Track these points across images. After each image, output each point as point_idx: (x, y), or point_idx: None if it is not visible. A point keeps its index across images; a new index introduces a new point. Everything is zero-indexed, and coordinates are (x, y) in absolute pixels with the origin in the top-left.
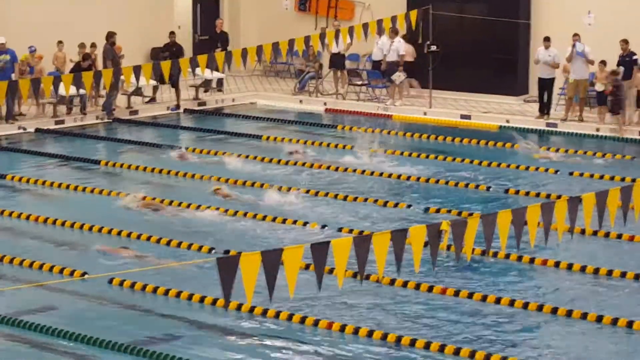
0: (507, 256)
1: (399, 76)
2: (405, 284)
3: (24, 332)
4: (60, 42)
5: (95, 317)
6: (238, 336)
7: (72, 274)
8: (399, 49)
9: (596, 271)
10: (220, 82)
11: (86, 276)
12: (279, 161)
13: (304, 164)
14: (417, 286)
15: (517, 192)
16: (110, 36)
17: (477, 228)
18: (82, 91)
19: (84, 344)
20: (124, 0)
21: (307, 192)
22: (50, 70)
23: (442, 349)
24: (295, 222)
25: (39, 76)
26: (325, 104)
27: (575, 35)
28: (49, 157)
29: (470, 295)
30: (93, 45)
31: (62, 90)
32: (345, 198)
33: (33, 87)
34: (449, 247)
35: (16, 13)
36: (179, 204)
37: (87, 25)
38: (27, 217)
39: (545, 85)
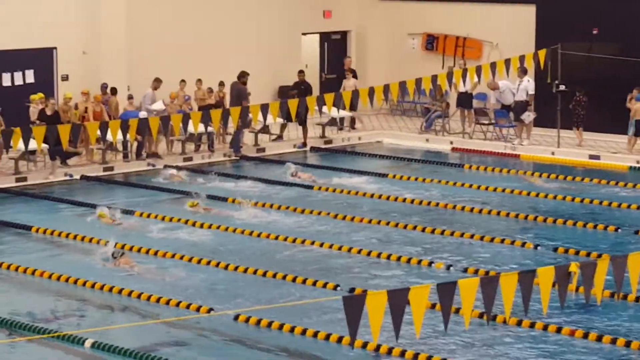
0: (638, 299)
1: (528, 115)
2: (532, 325)
3: None
4: (199, 80)
5: (221, 353)
6: None
7: (198, 309)
8: (528, 88)
9: None
10: (353, 120)
11: (212, 312)
12: (404, 199)
13: (428, 203)
14: (545, 327)
15: None
16: (242, 75)
17: (607, 270)
18: (210, 129)
19: None
20: (254, 40)
21: (433, 231)
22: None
23: None
24: (420, 261)
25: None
26: (451, 142)
27: None
28: (176, 193)
29: (599, 338)
30: (221, 84)
31: (191, 128)
32: (471, 237)
33: (162, 124)
34: (577, 289)
35: (146, 49)
36: (302, 241)
37: (216, 64)
38: (156, 253)
39: None
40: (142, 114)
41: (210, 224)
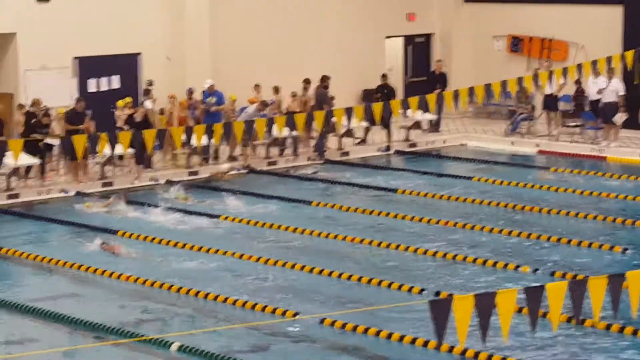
0: None
1: (620, 117)
2: (621, 330)
3: None
4: (257, 85)
5: (306, 357)
6: None
7: (284, 313)
8: (619, 89)
9: None
10: (437, 122)
11: (298, 316)
12: (489, 202)
13: (514, 206)
14: (635, 332)
15: None
16: (324, 80)
17: None
18: (294, 133)
19: None
20: (337, 44)
21: (519, 234)
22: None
23: None
24: (506, 265)
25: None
26: (537, 145)
27: None
28: (260, 197)
29: None
30: (305, 88)
31: (275, 132)
32: (558, 240)
33: (247, 129)
34: None
35: (229, 55)
36: (387, 244)
37: (299, 68)
38: (241, 257)
39: None
40: None
41: (295, 227)
